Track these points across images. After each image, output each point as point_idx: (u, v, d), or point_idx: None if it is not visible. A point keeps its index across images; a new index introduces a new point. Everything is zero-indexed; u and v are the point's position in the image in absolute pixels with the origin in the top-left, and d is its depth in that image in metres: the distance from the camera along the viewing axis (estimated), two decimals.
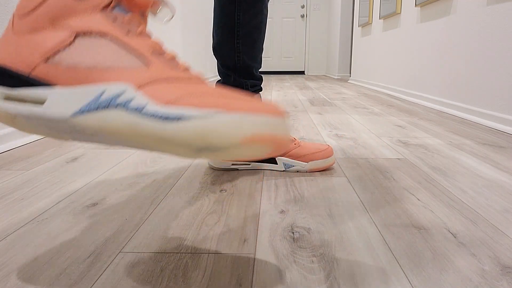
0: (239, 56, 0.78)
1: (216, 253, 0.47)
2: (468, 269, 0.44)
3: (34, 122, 0.33)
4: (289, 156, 0.81)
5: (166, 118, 0.28)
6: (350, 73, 4.86)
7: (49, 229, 0.54)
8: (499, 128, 1.31)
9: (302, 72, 6.08)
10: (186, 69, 0.34)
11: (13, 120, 0.33)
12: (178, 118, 0.28)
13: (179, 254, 0.47)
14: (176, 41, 2.85)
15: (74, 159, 0.92)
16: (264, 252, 0.48)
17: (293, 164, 0.80)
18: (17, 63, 0.32)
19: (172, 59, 0.34)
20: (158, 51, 0.34)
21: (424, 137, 1.18)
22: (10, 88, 0.32)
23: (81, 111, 0.30)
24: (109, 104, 0.29)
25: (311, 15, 5.81)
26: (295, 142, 0.82)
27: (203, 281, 0.41)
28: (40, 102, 0.32)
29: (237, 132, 0.27)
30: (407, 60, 2.35)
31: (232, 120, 0.27)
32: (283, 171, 0.81)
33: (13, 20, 0.34)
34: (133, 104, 0.29)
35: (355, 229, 0.54)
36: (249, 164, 0.82)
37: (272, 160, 0.81)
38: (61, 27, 0.33)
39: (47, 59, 0.32)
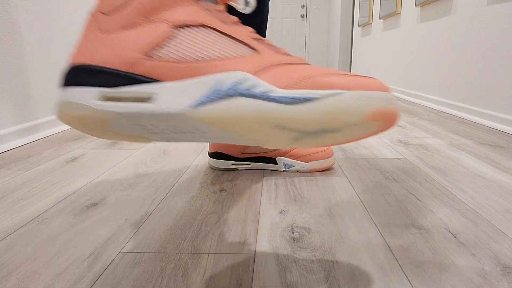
0: None
1: (216, 253, 0.47)
2: (468, 269, 0.44)
3: (136, 122, 0.32)
4: (289, 156, 0.80)
5: (294, 101, 0.28)
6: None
7: (49, 229, 0.54)
8: (499, 128, 1.31)
9: None
10: (287, 53, 0.34)
11: (105, 123, 0.32)
12: (307, 100, 0.28)
13: (179, 254, 0.47)
14: None
15: (74, 159, 0.92)
16: (264, 252, 0.48)
17: (293, 164, 0.80)
18: (116, 61, 0.31)
19: (271, 44, 0.34)
20: (257, 38, 0.34)
21: (424, 137, 1.18)
22: (110, 88, 0.31)
23: (201, 103, 0.29)
24: (232, 93, 0.29)
25: (311, 15, 5.81)
26: None
27: (203, 281, 0.41)
28: (146, 99, 0.31)
29: (363, 108, 0.28)
30: (407, 60, 2.35)
31: (358, 97, 0.29)
32: (283, 171, 0.81)
33: (97, 18, 0.33)
34: (258, 90, 0.29)
35: (355, 229, 0.54)
36: (249, 164, 0.82)
37: (272, 160, 0.81)
38: (157, 21, 0.32)
39: (148, 55, 0.31)
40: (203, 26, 0.32)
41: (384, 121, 0.30)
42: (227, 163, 0.81)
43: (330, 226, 0.55)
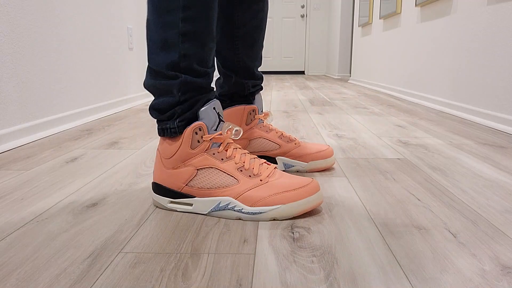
0: (239, 57, 0.78)
1: (216, 253, 0.47)
2: (468, 269, 0.44)
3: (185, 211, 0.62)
4: (289, 156, 0.80)
5: (254, 214, 0.57)
6: (350, 73, 4.86)
7: (49, 229, 0.54)
8: (499, 128, 1.31)
9: (302, 72, 6.08)
10: (258, 172, 0.60)
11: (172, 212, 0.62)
12: (260, 212, 0.57)
13: (179, 254, 0.47)
14: None
15: (74, 159, 0.92)
16: (264, 252, 0.48)
17: (293, 164, 0.80)
18: (172, 185, 0.61)
19: (247, 169, 0.60)
20: (240, 166, 0.60)
21: (424, 137, 1.18)
22: (172, 198, 0.61)
23: (212, 211, 0.59)
24: (225, 208, 0.58)
25: (311, 15, 5.81)
26: (295, 142, 0.82)
27: (203, 281, 0.41)
28: (189, 204, 0.60)
29: (292, 213, 0.57)
30: (407, 60, 2.35)
31: (289, 209, 0.57)
32: (283, 171, 0.81)
33: (161, 158, 0.61)
34: (237, 208, 0.58)
35: (355, 229, 0.54)
36: None
37: (273, 160, 0.81)
38: (188, 165, 0.60)
39: (187, 184, 0.60)
40: (211, 166, 0.59)
41: (308, 210, 0.59)
42: None
43: (330, 226, 0.55)
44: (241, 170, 0.59)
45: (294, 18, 5.86)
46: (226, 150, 0.60)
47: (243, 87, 0.80)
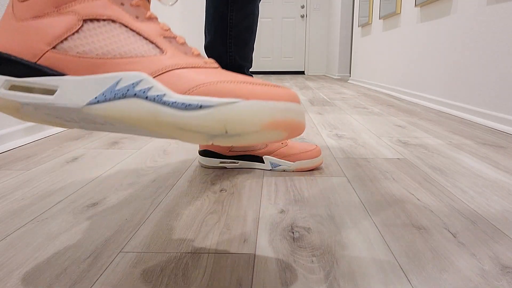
0: (231, 56, 0.80)
1: (216, 253, 0.47)
2: (468, 269, 0.44)
3: (42, 111, 0.32)
4: (275, 155, 0.81)
5: (187, 107, 0.28)
6: (350, 73, 4.86)
7: (49, 229, 0.54)
8: (499, 128, 1.31)
9: (302, 72, 6.08)
10: (198, 54, 0.34)
11: (18, 109, 0.33)
12: (199, 107, 0.28)
13: (179, 254, 0.47)
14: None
15: (74, 159, 0.92)
16: (264, 252, 0.48)
17: (280, 164, 0.81)
18: (23, 51, 0.31)
19: (183, 43, 0.34)
20: (169, 35, 0.34)
21: (424, 137, 1.18)
22: (16, 77, 0.31)
23: (97, 101, 0.30)
24: (126, 93, 0.29)
25: (311, 15, 5.81)
26: (283, 141, 0.82)
27: (203, 281, 0.41)
28: (50, 91, 0.31)
29: (257, 119, 0.28)
30: (407, 60, 2.35)
31: (252, 108, 0.28)
32: (270, 170, 0.82)
33: (14, 4, 0.32)
34: (152, 93, 0.29)
35: (355, 229, 0.54)
36: (237, 163, 0.83)
37: (259, 159, 0.82)
38: (67, 12, 0.31)
39: (54, 47, 0.31)
40: (111, 20, 0.32)
41: (286, 130, 0.30)
42: (215, 161, 0.82)
43: (330, 226, 0.55)
44: (170, 41, 0.33)
45: (294, 18, 5.86)
46: (143, 8, 0.34)
47: None
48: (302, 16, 5.85)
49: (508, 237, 0.52)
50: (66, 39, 0.31)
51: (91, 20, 0.32)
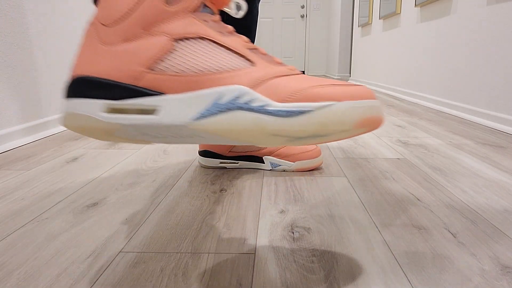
0: None
1: (216, 253, 0.47)
2: (468, 269, 0.44)
3: (139, 131, 0.33)
4: (276, 156, 0.81)
5: (289, 114, 0.30)
6: (350, 73, 4.86)
7: (49, 229, 0.54)
8: (499, 128, 1.31)
9: (302, 72, 6.07)
10: (280, 62, 0.35)
11: (111, 133, 0.33)
12: (301, 112, 0.30)
13: (179, 254, 0.47)
14: None
15: (74, 159, 0.92)
16: (264, 252, 0.48)
17: (280, 164, 0.81)
18: (119, 74, 0.32)
19: (265, 53, 0.35)
20: (251, 47, 0.35)
21: (424, 137, 1.18)
22: (115, 101, 0.32)
23: (203, 116, 0.31)
24: (231, 107, 0.31)
25: (311, 15, 5.81)
26: None
27: (203, 281, 0.41)
28: (147, 111, 0.32)
29: (350, 118, 0.31)
30: (407, 60, 2.35)
31: (346, 108, 0.31)
32: (270, 170, 0.82)
33: (97, 29, 0.33)
34: (256, 104, 0.31)
35: (355, 229, 0.54)
36: (237, 163, 0.83)
37: (259, 159, 0.82)
38: (157, 33, 0.32)
39: (150, 68, 0.32)
40: (201, 38, 0.33)
41: (369, 126, 0.32)
42: (216, 162, 0.82)
43: (330, 226, 0.55)
44: (255, 52, 0.35)
45: (294, 19, 5.86)
46: (222, 23, 0.37)
47: None
48: (302, 16, 5.85)
49: (508, 237, 0.52)
50: (162, 59, 0.32)
51: (182, 39, 0.33)
